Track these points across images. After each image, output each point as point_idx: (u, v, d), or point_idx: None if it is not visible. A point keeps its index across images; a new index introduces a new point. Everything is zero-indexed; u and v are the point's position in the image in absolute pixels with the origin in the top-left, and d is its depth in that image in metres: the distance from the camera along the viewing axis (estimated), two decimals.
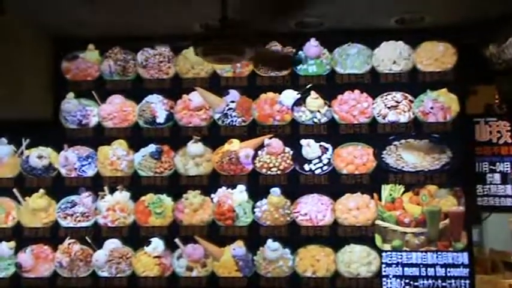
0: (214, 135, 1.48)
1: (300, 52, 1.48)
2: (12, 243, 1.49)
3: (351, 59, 1.46)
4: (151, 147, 1.49)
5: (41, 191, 1.50)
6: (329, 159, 1.45)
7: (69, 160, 1.50)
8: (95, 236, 1.49)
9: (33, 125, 1.51)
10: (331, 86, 1.46)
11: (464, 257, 1.40)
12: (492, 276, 1.58)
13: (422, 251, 1.41)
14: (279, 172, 1.45)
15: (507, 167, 1.43)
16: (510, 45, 1.37)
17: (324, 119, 1.46)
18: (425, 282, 1.40)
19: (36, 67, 1.49)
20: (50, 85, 1.52)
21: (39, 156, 1.51)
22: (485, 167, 1.43)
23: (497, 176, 1.43)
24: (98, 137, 1.51)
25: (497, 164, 1.43)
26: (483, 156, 1.44)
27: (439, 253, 1.40)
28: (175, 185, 1.47)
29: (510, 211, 1.46)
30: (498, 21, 1.36)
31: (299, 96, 1.47)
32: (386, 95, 1.44)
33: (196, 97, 1.49)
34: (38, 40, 1.48)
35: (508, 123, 1.44)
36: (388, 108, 1.44)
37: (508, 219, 1.58)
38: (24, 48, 1.43)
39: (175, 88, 1.50)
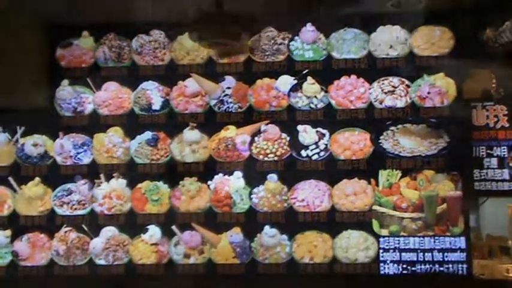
0: (210, 121, 1.47)
1: (296, 37, 1.47)
2: (8, 232, 1.48)
3: (348, 44, 1.45)
4: (147, 134, 1.48)
5: (37, 179, 1.49)
6: (326, 145, 1.44)
7: (64, 148, 1.49)
8: (92, 223, 1.48)
9: (27, 113, 1.50)
10: (327, 71, 1.45)
11: (461, 242, 1.40)
12: (489, 261, 1.58)
13: (419, 236, 1.40)
14: (275, 158, 1.44)
15: (504, 151, 1.42)
16: (507, 29, 1.36)
17: (320, 105, 1.45)
18: (422, 267, 1.40)
19: (31, 55, 1.48)
20: (45, 72, 1.52)
21: (35, 144, 1.50)
22: (483, 152, 1.43)
23: (494, 161, 1.42)
24: (93, 124, 1.49)
25: (495, 148, 1.42)
26: (480, 140, 1.43)
27: (436, 238, 1.40)
28: (172, 172, 1.46)
29: (507, 196, 1.46)
30: (495, 5, 1.35)
31: (295, 81, 1.46)
32: (383, 80, 1.43)
33: (192, 83, 1.48)
34: (31, 27, 1.47)
35: (505, 108, 1.43)
36: (385, 93, 1.43)
37: (505, 204, 1.58)
38: (18, 36, 1.42)
39: (170, 74, 1.49)
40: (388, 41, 1.44)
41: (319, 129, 1.46)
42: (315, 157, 1.45)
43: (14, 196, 1.50)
